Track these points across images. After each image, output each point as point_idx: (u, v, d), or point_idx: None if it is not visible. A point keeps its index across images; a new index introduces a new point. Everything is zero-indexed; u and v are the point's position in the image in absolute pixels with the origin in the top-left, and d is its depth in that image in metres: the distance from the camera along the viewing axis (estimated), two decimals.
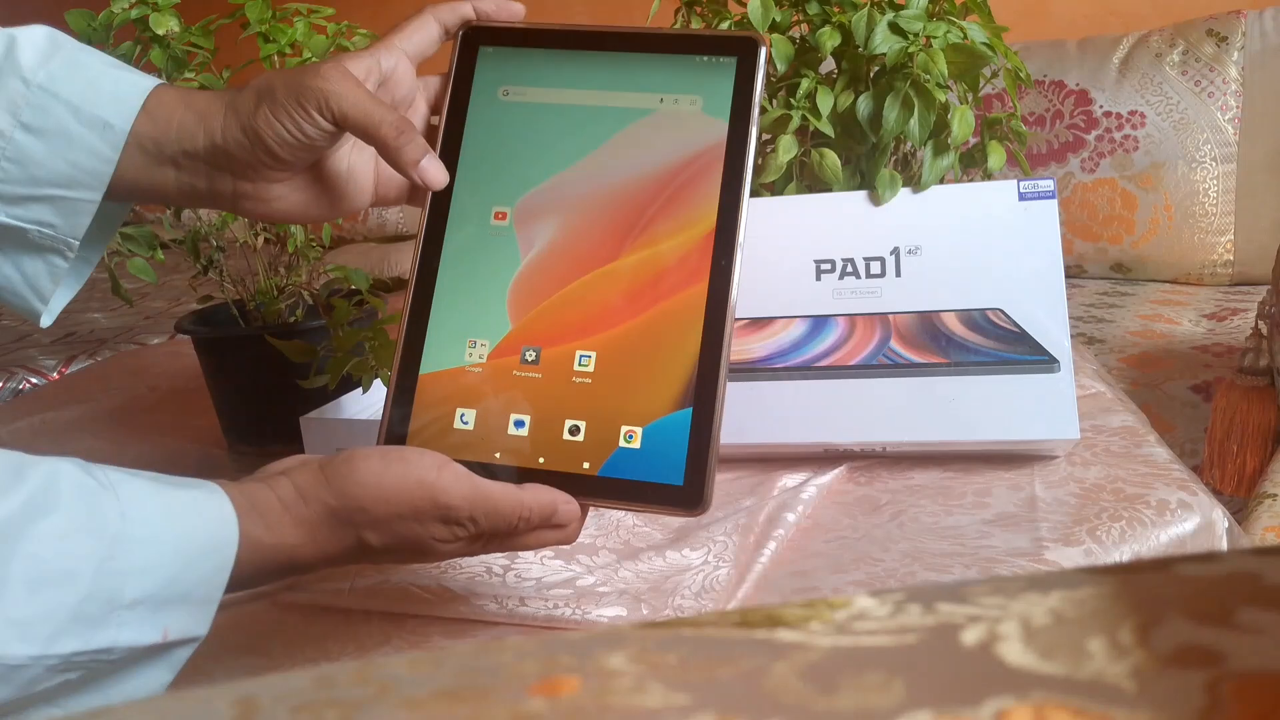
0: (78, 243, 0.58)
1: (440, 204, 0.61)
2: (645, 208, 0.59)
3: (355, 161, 0.61)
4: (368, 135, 0.56)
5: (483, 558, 0.65)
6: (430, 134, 0.62)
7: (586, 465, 0.56)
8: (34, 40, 0.56)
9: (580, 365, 0.58)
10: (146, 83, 0.57)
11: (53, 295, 0.60)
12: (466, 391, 0.59)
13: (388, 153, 0.57)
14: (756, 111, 0.59)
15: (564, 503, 0.54)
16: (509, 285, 0.60)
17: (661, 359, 0.57)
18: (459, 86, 0.62)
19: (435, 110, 0.63)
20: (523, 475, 0.56)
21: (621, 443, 0.56)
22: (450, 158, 0.61)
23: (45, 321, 0.61)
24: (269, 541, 0.50)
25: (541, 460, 0.57)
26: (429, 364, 0.59)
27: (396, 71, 0.60)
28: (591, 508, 0.62)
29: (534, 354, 0.59)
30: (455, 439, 0.58)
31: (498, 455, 0.57)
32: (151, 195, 0.59)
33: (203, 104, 0.57)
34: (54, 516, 0.43)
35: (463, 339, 0.59)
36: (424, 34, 0.61)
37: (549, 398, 0.58)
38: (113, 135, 0.56)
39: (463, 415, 0.58)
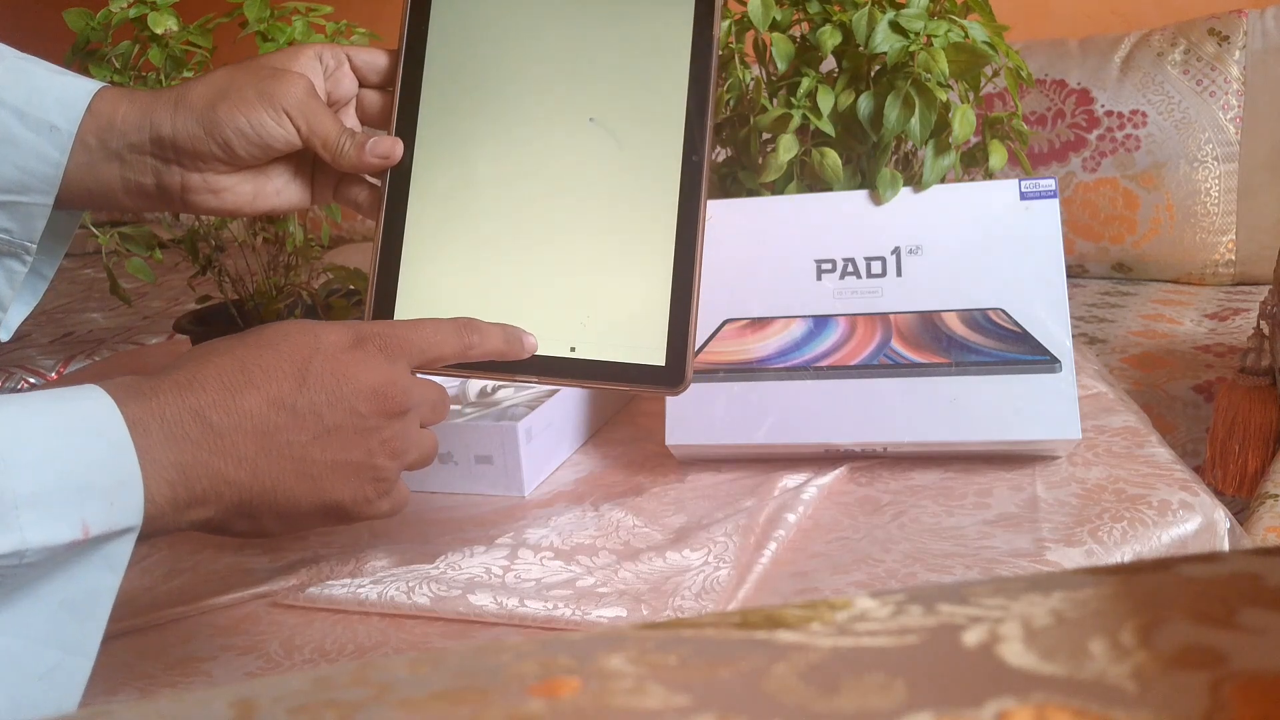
0: (35, 245, 0.59)
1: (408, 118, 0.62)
2: (611, 104, 0.61)
3: (306, 154, 0.62)
4: (325, 154, 0.60)
5: (482, 559, 0.65)
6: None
7: (571, 349, 0.59)
8: None
9: (557, 253, 0.60)
10: (91, 85, 0.58)
11: (10, 304, 0.61)
12: (446, 283, 0.61)
13: (342, 169, 0.61)
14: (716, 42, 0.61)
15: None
16: (482, 195, 0.61)
17: (638, 246, 0.60)
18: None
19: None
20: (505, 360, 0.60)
21: (603, 326, 0.59)
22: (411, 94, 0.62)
23: (2, 335, 0.62)
24: (162, 410, 0.45)
25: None
26: (408, 260, 0.61)
27: (338, 71, 0.62)
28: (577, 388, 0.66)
29: (510, 246, 0.61)
30: None
31: None
32: (100, 197, 0.59)
33: (147, 99, 0.58)
34: None
35: (441, 239, 0.61)
36: (373, 56, 0.63)
37: (528, 285, 0.60)
38: (60, 138, 0.57)
39: (444, 306, 0.60)
